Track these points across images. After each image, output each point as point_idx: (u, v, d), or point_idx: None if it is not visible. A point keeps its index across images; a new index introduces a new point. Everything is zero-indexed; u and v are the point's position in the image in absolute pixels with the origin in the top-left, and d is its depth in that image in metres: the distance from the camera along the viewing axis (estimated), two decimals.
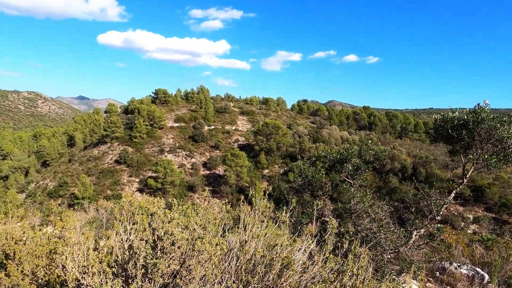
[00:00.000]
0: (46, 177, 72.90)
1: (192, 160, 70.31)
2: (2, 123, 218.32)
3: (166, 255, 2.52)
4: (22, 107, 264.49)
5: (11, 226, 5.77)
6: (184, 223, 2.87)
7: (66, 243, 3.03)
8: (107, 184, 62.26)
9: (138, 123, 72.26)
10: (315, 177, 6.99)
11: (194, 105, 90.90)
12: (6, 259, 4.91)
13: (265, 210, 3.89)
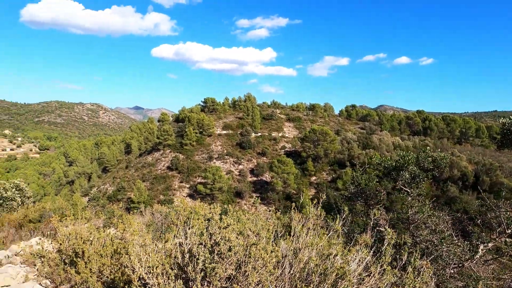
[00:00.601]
0: (106, 182, 78.41)
1: (239, 167, 71.42)
2: (69, 132, 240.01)
3: (223, 260, 2.59)
4: (86, 118, 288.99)
5: (79, 227, 6.28)
6: (239, 229, 2.92)
7: (131, 244, 3.23)
8: (160, 189, 65.35)
9: (188, 131, 75.20)
10: (368, 185, 6.71)
11: (241, 112, 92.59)
12: (76, 257, 5.35)
13: (317, 218, 3.82)
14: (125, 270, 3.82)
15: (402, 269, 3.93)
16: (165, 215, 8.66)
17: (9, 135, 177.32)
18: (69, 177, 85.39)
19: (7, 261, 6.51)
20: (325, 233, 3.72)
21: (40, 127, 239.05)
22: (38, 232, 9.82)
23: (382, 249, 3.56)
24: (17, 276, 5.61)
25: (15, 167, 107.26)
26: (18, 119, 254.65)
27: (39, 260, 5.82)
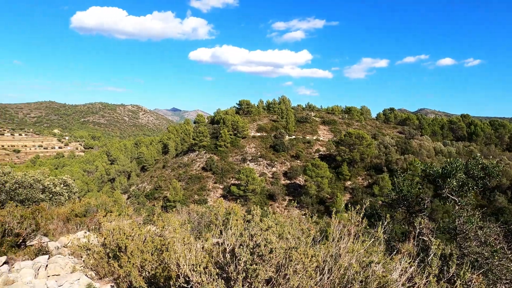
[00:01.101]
0: (144, 181, 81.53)
1: (272, 169, 71.38)
2: (112, 132, 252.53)
3: (264, 262, 2.59)
4: (126, 119, 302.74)
5: (122, 223, 6.56)
6: (279, 232, 2.91)
7: (173, 242, 3.31)
8: (194, 189, 66.87)
9: (223, 132, 76.38)
10: (410, 192, 6.41)
11: (275, 115, 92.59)
12: (119, 252, 5.59)
13: (358, 225, 3.71)
14: (166, 266, 3.94)
15: (449, 281, 3.71)
16: (201, 214, 8.85)
17: (58, 134, 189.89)
18: (110, 175, 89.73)
19: (57, 252, 6.95)
20: (366, 240, 3.60)
21: (85, 127, 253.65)
22: (84, 226, 10.37)
23: (428, 260, 3.38)
24: (66, 267, 5.96)
25: (62, 164, 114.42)
26: (66, 119, 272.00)
27: (85, 253, 6.15)
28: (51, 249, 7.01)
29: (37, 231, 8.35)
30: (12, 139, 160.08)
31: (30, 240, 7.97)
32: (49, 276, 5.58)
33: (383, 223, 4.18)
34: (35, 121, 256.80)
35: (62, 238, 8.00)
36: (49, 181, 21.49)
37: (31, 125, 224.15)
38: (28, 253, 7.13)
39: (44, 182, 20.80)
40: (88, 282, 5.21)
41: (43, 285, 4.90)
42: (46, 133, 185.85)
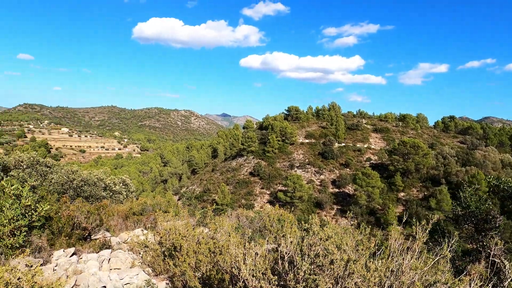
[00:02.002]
0: (194, 183, 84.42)
1: (321, 177, 70.00)
2: (165, 136, 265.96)
3: (323, 273, 2.53)
4: (179, 123, 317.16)
5: (178, 223, 6.83)
6: (337, 243, 2.82)
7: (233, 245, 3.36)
8: (242, 193, 67.74)
9: (271, 138, 76.68)
10: (479, 208, 5.85)
11: (324, 121, 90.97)
12: (174, 251, 5.81)
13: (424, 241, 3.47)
14: (220, 269, 4.01)
15: None
16: (250, 219, 8.94)
17: (118, 136, 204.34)
18: (163, 176, 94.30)
19: (118, 247, 7.42)
20: (431, 257, 3.35)
21: (142, 130, 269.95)
22: (140, 224, 10.97)
23: (504, 285, 3.04)
24: (126, 261, 6.34)
25: (121, 165, 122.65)
26: (125, 123, 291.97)
27: (143, 250, 6.49)
28: (113, 244, 7.50)
29: (101, 226, 9.01)
30: (79, 140, 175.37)
31: (95, 234, 8.61)
32: (111, 269, 5.97)
33: (449, 240, 3.87)
34: (98, 124, 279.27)
35: (122, 234, 8.53)
36: (110, 180, 23.08)
37: (95, 128, 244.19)
38: (93, 246, 7.70)
39: (106, 181, 22.38)
40: (146, 278, 5.47)
41: (107, 277, 5.25)
42: (107, 135, 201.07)
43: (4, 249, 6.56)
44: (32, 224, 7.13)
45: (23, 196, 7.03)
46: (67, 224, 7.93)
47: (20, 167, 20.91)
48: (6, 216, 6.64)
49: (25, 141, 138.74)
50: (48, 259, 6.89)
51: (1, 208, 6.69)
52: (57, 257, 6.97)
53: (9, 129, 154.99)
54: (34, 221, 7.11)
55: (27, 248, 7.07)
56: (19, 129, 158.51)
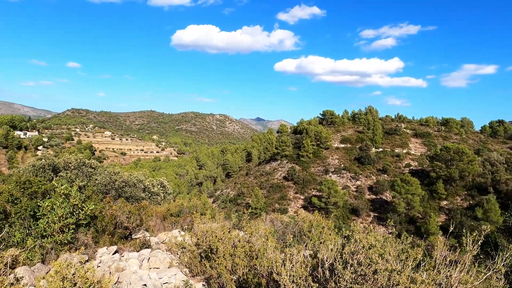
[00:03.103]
0: (228, 186, 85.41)
1: (356, 183, 68.15)
2: (201, 139, 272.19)
3: (366, 282, 2.44)
4: (214, 127, 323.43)
5: (215, 226, 6.93)
6: (381, 252, 2.71)
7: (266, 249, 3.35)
8: (275, 198, 67.54)
9: (305, 143, 75.92)
10: None
11: (361, 126, 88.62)
12: (211, 253, 5.89)
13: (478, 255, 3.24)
14: (257, 273, 4.00)
15: None
16: (285, 224, 8.87)
17: (156, 140, 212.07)
18: (198, 179, 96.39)
19: (157, 247, 7.66)
20: (483, 271, 3.13)
21: (179, 134, 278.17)
22: (178, 225, 11.25)
23: None
24: (164, 261, 6.52)
25: (159, 167, 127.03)
26: (163, 127, 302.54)
27: (180, 250, 6.65)
28: (152, 244, 7.75)
29: (141, 226, 9.36)
30: (120, 143, 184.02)
31: (135, 233, 8.96)
32: (150, 268, 6.16)
33: (503, 253, 3.59)
34: (138, 128, 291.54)
35: (160, 234, 8.80)
36: (149, 182, 23.92)
37: (135, 131, 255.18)
38: (134, 245, 8.00)
39: (145, 182, 23.22)
40: (183, 278, 5.59)
41: (147, 275, 5.43)
42: (147, 139, 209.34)
43: (54, 244, 6.99)
44: (79, 222, 7.55)
45: (71, 196, 7.47)
46: (110, 223, 8.32)
47: (68, 168, 22.26)
48: (57, 214, 7.08)
49: (72, 144, 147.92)
50: (92, 256, 7.25)
51: (53, 207, 7.15)
52: (101, 254, 7.31)
53: (58, 132, 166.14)
54: (81, 219, 7.52)
55: (74, 245, 7.50)
56: (67, 132, 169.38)
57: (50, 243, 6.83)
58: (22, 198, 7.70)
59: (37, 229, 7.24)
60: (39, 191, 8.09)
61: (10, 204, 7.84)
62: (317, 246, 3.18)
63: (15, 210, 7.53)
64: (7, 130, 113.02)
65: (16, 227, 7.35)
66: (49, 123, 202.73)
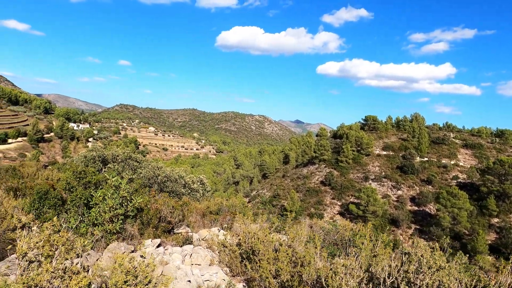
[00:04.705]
0: (264, 187, 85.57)
1: (398, 192, 65.31)
2: (239, 139, 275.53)
3: None
4: (253, 128, 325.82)
5: (256, 227, 6.92)
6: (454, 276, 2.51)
7: (314, 257, 3.26)
8: (311, 202, 66.58)
9: (345, 148, 74.09)
10: None
11: (405, 133, 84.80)
12: (252, 254, 5.89)
13: None
14: (302, 280, 3.92)
15: None
16: (326, 231, 8.67)
17: (196, 137, 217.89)
18: (235, 178, 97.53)
19: (198, 243, 7.81)
20: None
21: (218, 133, 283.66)
22: (217, 223, 11.42)
23: None
24: (205, 258, 6.63)
25: (197, 164, 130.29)
26: (204, 125, 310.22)
27: (222, 249, 6.72)
28: (194, 240, 7.92)
29: (182, 222, 9.61)
30: (163, 139, 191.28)
31: (177, 228, 9.22)
32: (192, 264, 6.29)
33: None
34: (180, 125, 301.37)
35: (201, 231, 8.97)
36: (189, 178, 24.56)
37: (177, 128, 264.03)
38: (176, 239, 8.23)
39: (185, 178, 23.88)
40: (224, 277, 5.64)
41: (190, 271, 5.54)
42: (187, 136, 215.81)
43: (104, 233, 7.38)
44: (126, 213, 7.90)
45: (121, 188, 7.84)
46: (155, 217, 8.63)
47: (116, 160, 23.48)
48: (108, 204, 7.47)
49: (119, 137, 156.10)
50: (138, 247, 7.55)
51: (104, 197, 7.55)
52: (146, 246, 7.59)
53: (107, 126, 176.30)
54: (129, 211, 7.87)
55: (122, 235, 7.86)
56: (115, 126, 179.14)
57: (100, 231, 7.22)
58: (78, 187, 8.22)
59: (89, 217, 7.68)
60: (92, 181, 8.58)
61: (67, 192, 8.40)
62: (369, 259, 3.03)
63: (71, 198, 8.05)
64: (63, 122, 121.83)
65: (71, 214, 7.86)
66: (99, 116, 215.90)
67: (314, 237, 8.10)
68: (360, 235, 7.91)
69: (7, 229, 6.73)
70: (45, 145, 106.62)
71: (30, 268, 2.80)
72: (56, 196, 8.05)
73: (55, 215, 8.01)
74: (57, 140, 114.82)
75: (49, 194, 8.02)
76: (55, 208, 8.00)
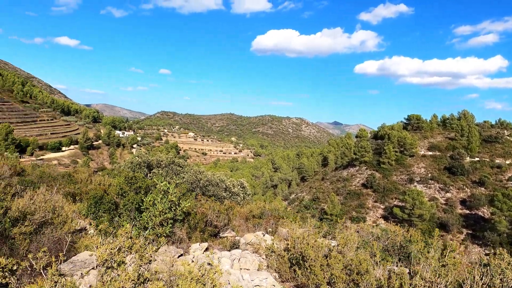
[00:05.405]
0: (303, 190, 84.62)
1: (446, 195, 61.63)
2: (277, 142, 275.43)
3: None
4: (290, 130, 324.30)
5: (300, 231, 6.81)
6: None
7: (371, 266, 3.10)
8: (353, 205, 64.74)
9: (387, 149, 71.35)
10: None
11: (452, 132, 79.99)
12: (302, 260, 5.78)
13: None
14: None
15: None
16: (376, 236, 8.32)
17: (234, 141, 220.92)
18: (273, 181, 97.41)
19: (245, 247, 7.84)
20: None
21: (256, 136, 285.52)
22: (260, 227, 11.41)
23: None
24: (253, 263, 6.62)
25: (236, 168, 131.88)
26: (241, 129, 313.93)
27: (270, 254, 6.67)
28: (241, 244, 7.96)
29: (228, 226, 9.71)
30: (202, 143, 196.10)
31: (223, 232, 9.32)
32: (241, 269, 6.31)
33: None
34: (218, 129, 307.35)
35: (246, 235, 8.99)
36: (230, 182, 24.85)
37: (215, 133, 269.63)
38: (222, 243, 8.32)
39: (226, 182, 24.19)
40: (274, 282, 5.59)
41: (239, 276, 5.55)
42: (225, 140, 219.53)
43: (154, 237, 7.63)
44: (175, 217, 8.12)
45: (169, 192, 8.07)
46: (201, 221, 8.79)
47: (160, 166, 24.35)
48: (157, 208, 7.72)
49: (161, 143, 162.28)
50: (187, 250, 7.72)
51: (154, 202, 7.81)
52: (194, 250, 7.74)
53: (149, 132, 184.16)
54: (177, 215, 8.08)
55: (171, 238, 8.09)
56: (156, 132, 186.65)
57: (151, 235, 7.47)
58: (129, 192, 8.59)
59: (140, 221, 7.99)
60: (142, 186, 8.93)
61: (119, 197, 8.81)
62: (438, 269, 2.83)
63: (123, 202, 8.44)
64: (110, 130, 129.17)
65: (123, 218, 8.23)
66: (142, 124, 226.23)
67: (365, 243, 7.81)
68: (413, 241, 7.52)
69: (68, 232, 7.18)
70: (94, 152, 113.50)
71: (107, 274, 2.95)
72: (110, 201, 8.48)
73: (109, 219, 8.44)
74: (104, 147, 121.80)
75: (103, 199, 8.46)
76: (109, 212, 8.42)
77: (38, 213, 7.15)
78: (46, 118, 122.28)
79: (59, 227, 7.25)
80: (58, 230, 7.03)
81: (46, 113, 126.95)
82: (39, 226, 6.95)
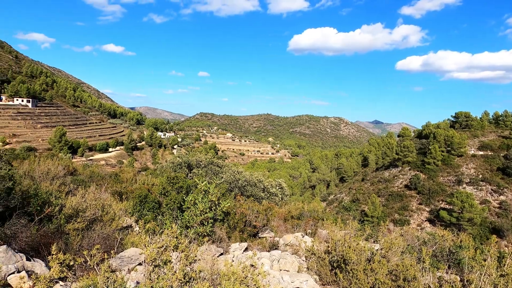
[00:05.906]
0: (342, 191, 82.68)
1: (500, 198, 57.17)
2: (314, 142, 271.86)
3: None
4: (328, 130, 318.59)
5: (341, 233, 6.63)
6: None
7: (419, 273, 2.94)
8: (395, 207, 62.18)
9: (433, 148, 67.66)
10: None
11: (507, 130, 74.12)
12: (344, 263, 5.63)
13: None
14: None
15: None
16: (423, 241, 7.88)
17: (271, 142, 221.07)
18: (311, 182, 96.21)
19: (284, 248, 7.80)
20: None
21: (293, 136, 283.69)
22: (299, 228, 11.30)
23: None
24: (292, 264, 6.56)
25: (273, 168, 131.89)
26: (278, 130, 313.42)
27: (310, 256, 6.58)
28: (280, 245, 7.93)
29: (266, 226, 9.72)
30: (239, 144, 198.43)
31: (262, 232, 9.34)
32: (281, 270, 6.28)
33: None
34: (255, 130, 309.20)
35: (285, 236, 8.95)
36: (268, 182, 24.89)
37: (252, 134, 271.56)
38: (261, 243, 8.33)
39: (264, 182, 24.24)
40: (314, 285, 5.49)
41: (280, 277, 5.53)
42: (263, 141, 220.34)
43: (195, 235, 7.82)
44: (215, 217, 8.27)
45: (210, 192, 8.24)
46: (241, 221, 8.87)
47: (199, 166, 24.94)
48: (198, 208, 7.91)
49: (200, 144, 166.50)
50: (226, 250, 7.83)
51: (195, 201, 8.02)
52: (234, 249, 7.82)
53: (189, 134, 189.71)
54: (217, 215, 8.22)
55: (211, 237, 8.25)
56: (196, 133, 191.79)
57: (193, 233, 7.67)
58: (172, 191, 8.88)
59: (182, 220, 8.23)
60: (184, 186, 9.20)
61: (162, 196, 9.14)
62: (496, 279, 2.61)
63: (166, 201, 8.74)
64: (152, 131, 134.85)
65: (166, 216, 8.53)
66: (182, 125, 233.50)
67: (411, 247, 7.45)
68: (464, 246, 7.07)
69: (116, 228, 7.57)
70: (138, 153, 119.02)
71: (155, 272, 3.08)
72: (153, 200, 8.82)
73: (153, 217, 8.79)
74: (147, 148, 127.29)
75: (147, 198, 8.83)
76: (153, 211, 8.77)
77: (89, 210, 7.61)
78: (94, 121, 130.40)
79: (108, 224, 7.67)
80: (107, 227, 7.43)
81: (94, 116, 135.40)
82: (90, 223, 7.40)
